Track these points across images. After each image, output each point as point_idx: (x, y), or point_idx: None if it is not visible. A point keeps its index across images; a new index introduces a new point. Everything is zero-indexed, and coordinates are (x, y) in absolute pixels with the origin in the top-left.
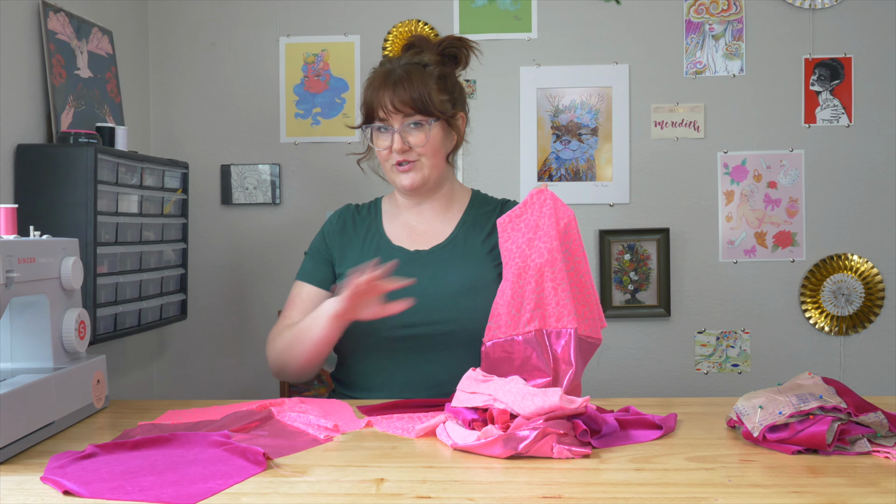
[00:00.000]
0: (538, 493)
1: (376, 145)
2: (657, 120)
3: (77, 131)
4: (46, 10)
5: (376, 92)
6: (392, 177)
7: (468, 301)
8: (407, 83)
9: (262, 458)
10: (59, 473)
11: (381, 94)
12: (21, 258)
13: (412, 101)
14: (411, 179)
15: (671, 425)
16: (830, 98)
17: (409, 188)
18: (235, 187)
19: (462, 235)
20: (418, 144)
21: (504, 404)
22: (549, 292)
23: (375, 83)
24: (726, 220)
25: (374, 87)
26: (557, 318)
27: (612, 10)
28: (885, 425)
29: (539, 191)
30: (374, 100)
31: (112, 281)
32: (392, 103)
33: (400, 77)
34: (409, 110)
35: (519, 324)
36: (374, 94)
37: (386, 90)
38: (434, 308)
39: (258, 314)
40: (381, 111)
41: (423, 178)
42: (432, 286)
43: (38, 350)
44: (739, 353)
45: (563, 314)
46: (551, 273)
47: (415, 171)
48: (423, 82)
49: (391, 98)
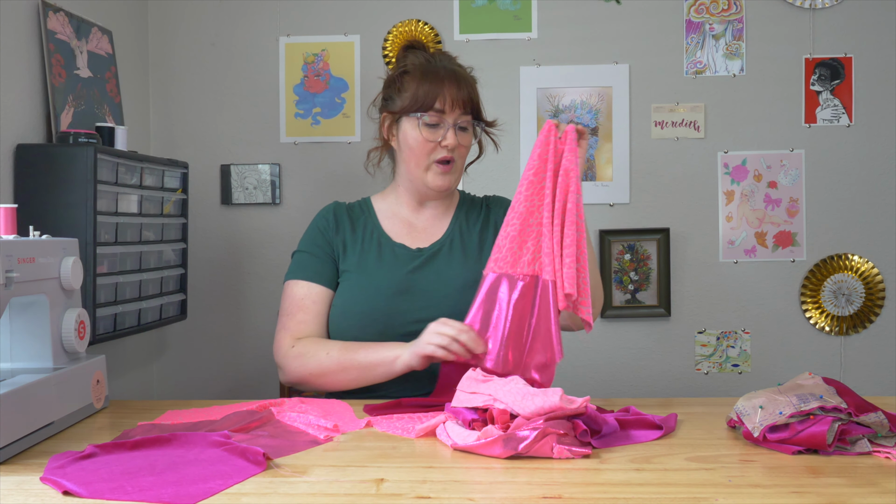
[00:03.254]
0: (538, 493)
1: (424, 137)
2: (657, 120)
3: (77, 131)
4: (46, 10)
5: (438, 84)
6: (425, 175)
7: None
8: (467, 83)
9: (262, 458)
10: (58, 473)
11: (445, 86)
12: (21, 258)
13: (471, 101)
14: (449, 181)
15: (671, 425)
16: (831, 98)
17: (443, 189)
18: (235, 187)
19: (458, 232)
20: (465, 145)
21: (504, 404)
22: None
23: (431, 75)
24: (726, 220)
25: (430, 78)
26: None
27: (612, 9)
28: (885, 425)
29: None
30: (436, 91)
31: (112, 281)
32: (460, 98)
33: (461, 75)
34: (468, 109)
35: (519, 263)
36: (435, 86)
37: (450, 84)
38: (441, 303)
39: (258, 314)
40: (446, 103)
41: (456, 181)
42: (437, 282)
43: (37, 350)
44: (739, 353)
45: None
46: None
47: (452, 174)
48: (474, 86)
49: (457, 93)
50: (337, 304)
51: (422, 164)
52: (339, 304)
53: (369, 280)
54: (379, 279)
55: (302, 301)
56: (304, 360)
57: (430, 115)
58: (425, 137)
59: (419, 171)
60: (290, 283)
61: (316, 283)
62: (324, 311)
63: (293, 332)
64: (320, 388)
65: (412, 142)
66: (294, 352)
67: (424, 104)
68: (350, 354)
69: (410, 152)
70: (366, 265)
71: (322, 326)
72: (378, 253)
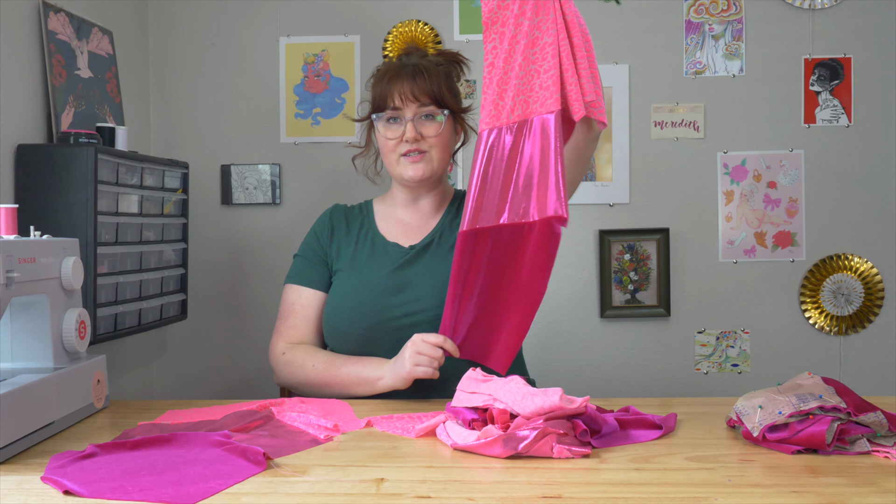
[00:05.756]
0: (538, 493)
1: (385, 136)
2: (657, 120)
3: (77, 131)
4: (46, 10)
5: (391, 81)
6: (397, 169)
7: None
8: (424, 74)
9: (262, 458)
10: (59, 473)
11: (397, 83)
12: (21, 258)
13: (430, 91)
14: (421, 171)
15: (671, 425)
16: (830, 98)
17: (415, 179)
18: (235, 187)
19: (448, 226)
20: (431, 135)
21: (504, 404)
22: (531, 75)
23: (389, 74)
24: (726, 220)
25: (387, 77)
26: (542, 102)
27: (612, 10)
28: (884, 425)
29: None
30: (389, 89)
31: (112, 281)
32: (411, 91)
33: (416, 69)
34: (426, 99)
35: (502, 114)
36: (389, 84)
37: (402, 80)
38: (429, 296)
39: (258, 314)
40: (397, 100)
41: (431, 170)
42: (425, 276)
43: (38, 350)
44: (739, 353)
45: (546, 97)
46: (536, 53)
47: (424, 163)
48: (438, 76)
49: (410, 87)
50: (329, 301)
51: (392, 160)
52: (330, 300)
53: (360, 277)
54: (369, 275)
55: (292, 306)
56: (291, 368)
57: (387, 112)
58: (385, 135)
59: (394, 167)
60: (286, 287)
61: (307, 286)
62: (314, 316)
63: (285, 336)
64: (309, 395)
65: (380, 140)
66: (284, 359)
67: (381, 104)
68: (333, 371)
69: (381, 151)
70: (357, 263)
71: (313, 330)
72: (371, 252)
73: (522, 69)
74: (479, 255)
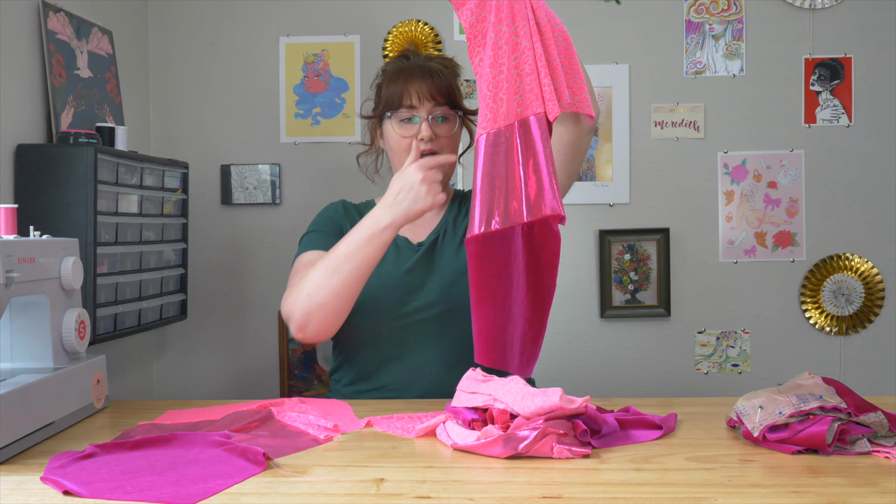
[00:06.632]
0: (538, 493)
1: (400, 134)
2: (657, 120)
3: (77, 131)
4: (46, 10)
5: (406, 81)
6: None
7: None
8: (440, 75)
9: (262, 458)
10: (59, 473)
11: (413, 82)
12: (21, 258)
13: (446, 91)
14: None
15: (671, 425)
16: (830, 98)
17: None
18: (235, 187)
19: (451, 222)
20: (444, 135)
21: (504, 404)
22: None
23: (404, 73)
24: (726, 220)
25: (402, 76)
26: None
27: (612, 10)
28: (885, 425)
29: None
30: (404, 88)
31: (112, 281)
32: (428, 91)
33: (429, 69)
34: (441, 99)
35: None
36: (404, 83)
37: (419, 79)
38: (433, 290)
39: (258, 314)
40: (414, 98)
41: (444, 169)
42: (430, 272)
43: (38, 350)
44: (739, 353)
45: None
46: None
47: None
48: (449, 77)
49: (428, 86)
50: None
51: (404, 159)
52: None
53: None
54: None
55: (311, 263)
56: (299, 289)
57: (401, 111)
58: (400, 134)
59: None
60: (301, 256)
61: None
62: None
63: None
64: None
65: (392, 141)
66: (286, 296)
67: (395, 103)
68: (333, 254)
69: (392, 152)
70: None
71: None
72: None
73: (510, 73)
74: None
